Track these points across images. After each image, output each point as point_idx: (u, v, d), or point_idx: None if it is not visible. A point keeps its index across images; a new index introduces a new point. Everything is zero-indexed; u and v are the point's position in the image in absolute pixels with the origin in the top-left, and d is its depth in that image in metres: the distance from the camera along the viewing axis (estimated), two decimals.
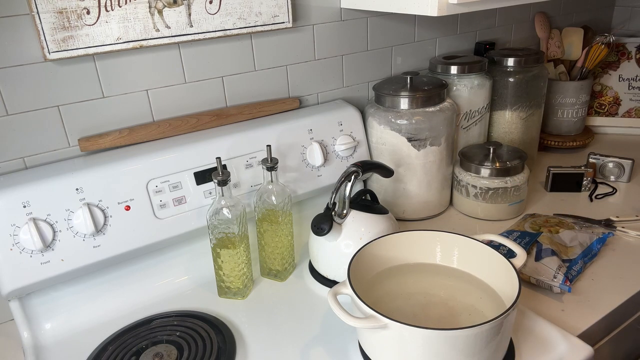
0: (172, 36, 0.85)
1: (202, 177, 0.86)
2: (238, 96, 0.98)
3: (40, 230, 0.73)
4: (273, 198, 0.86)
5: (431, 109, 1.00)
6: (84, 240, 0.77)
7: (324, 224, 0.82)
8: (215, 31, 0.89)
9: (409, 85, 1.01)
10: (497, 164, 1.03)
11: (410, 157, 1.02)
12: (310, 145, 0.96)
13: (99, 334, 0.78)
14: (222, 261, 0.83)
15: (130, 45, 0.82)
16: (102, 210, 0.78)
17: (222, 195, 0.80)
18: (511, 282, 0.68)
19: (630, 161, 1.18)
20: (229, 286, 0.85)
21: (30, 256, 0.74)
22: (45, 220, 0.75)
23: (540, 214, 1.04)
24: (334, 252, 0.85)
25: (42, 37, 0.75)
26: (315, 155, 0.95)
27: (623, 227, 1.00)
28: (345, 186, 0.84)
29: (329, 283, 0.87)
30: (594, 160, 1.21)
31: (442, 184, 1.08)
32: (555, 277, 0.82)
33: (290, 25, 0.96)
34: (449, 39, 1.25)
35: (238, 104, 0.98)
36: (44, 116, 0.81)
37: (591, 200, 1.13)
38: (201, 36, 0.88)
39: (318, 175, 0.98)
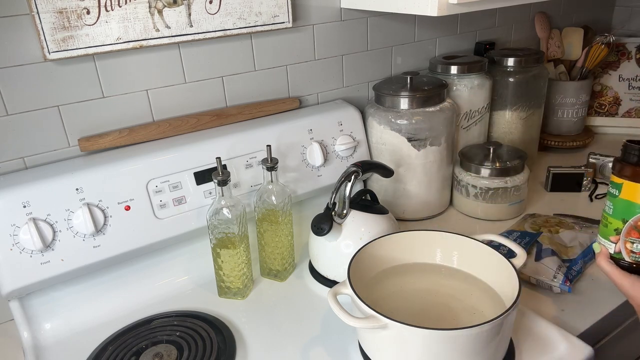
0: (172, 36, 0.85)
1: (202, 177, 0.86)
2: (238, 96, 0.98)
3: (40, 230, 0.73)
4: (273, 198, 0.86)
5: (431, 109, 1.00)
6: (84, 240, 0.77)
7: (324, 224, 0.82)
8: (215, 31, 0.89)
9: (409, 85, 1.01)
10: (497, 164, 1.03)
11: (410, 157, 1.02)
12: (310, 145, 0.96)
13: (99, 334, 0.78)
14: (222, 261, 0.83)
15: (130, 45, 0.82)
16: (102, 210, 0.78)
17: (222, 195, 0.80)
18: (511, 282, 0.68)
19: None
20: (229, 286, 0.85)
21: (30, 256, 0.74)
22: (45, 220, 0.75)
23: (540, 214, 1.04)
24: (334, 252, 0.85)
25: (42, 37, 0.75)
26: (315, 155, 0.95)
27: None
28: (345, 186, 0.84)
29: (329, 283, 0.87)
30: (594, 160, 1.21)
31: (442, 184, 1.08)
32: (555, 277, 0.82)
33: (290, 25, 0.96)
34: (449, 39, 1.25)
35: (238, 104, 0.98)
36: (44, 116, 0.81)
37: (591, 200, 1.13)
38: (201, 36, 0.88)
39: (318, 175, 0.98)
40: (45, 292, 0.79)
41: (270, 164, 0.83)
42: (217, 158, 0.79)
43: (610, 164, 1.18)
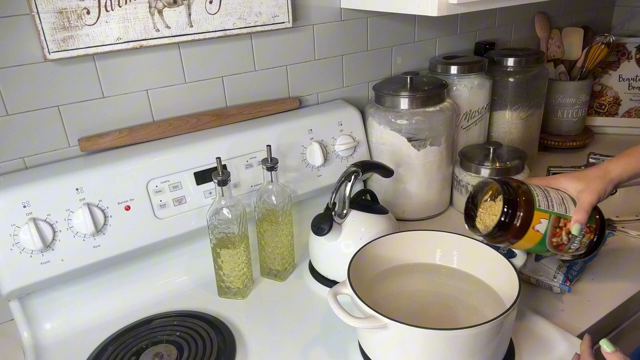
0: (172, 36, 0.85)
1: (202, 177, 0.86)
2: (238, 96, 0.98)
3: (40, 230, 0.73)
4: (273, 198, 0.86)
5: (431, 109, 1.00)
6: (84, 240, 0.77)
7: (324, 224, 0.82)
8: (215, 31, 0.89)
9: (409, 85, 1.01)
10: (497, 164, 1.03)
11: (410, 157, 1.02)
12: (310, 145, 0.96)
13: (99, 334, 0.78)
14: (222, 261, 0.83)
15: (130, 45, 0.82)
16: (102, 210, 0.78)
17: (222, 195, 0.80)
18: (511, 282, 0.68)
19: None
20: (229, 286, 0.85)
21: (30, 256, 0.74)
22: (45, 220, 0.75)
23: None
24: (334, 252, 0.85)
25: (42, 37, 0.75)
26: (315, 155, 0.95)
27: (623, 227, 1.00)
28: (345, 186, 0.84)
29: (329, 283, 0.87)
30: (594, 160, 1.20)
31: (442, 184, 1.08)
32: (555, 277, 0.82)
33: (290, 25, 0.96)
34: (449, 39, 1.25)
35: (238, 104, 0.98)
36: (44, 116, 0.81)
37: None
38: (201, 36, 0.88)
39: (318, 175, 0.98)
40: (45, 292, 0.79)
41: (270, 164, 0.83)
42: (217, 158, 0.79)
43: None
